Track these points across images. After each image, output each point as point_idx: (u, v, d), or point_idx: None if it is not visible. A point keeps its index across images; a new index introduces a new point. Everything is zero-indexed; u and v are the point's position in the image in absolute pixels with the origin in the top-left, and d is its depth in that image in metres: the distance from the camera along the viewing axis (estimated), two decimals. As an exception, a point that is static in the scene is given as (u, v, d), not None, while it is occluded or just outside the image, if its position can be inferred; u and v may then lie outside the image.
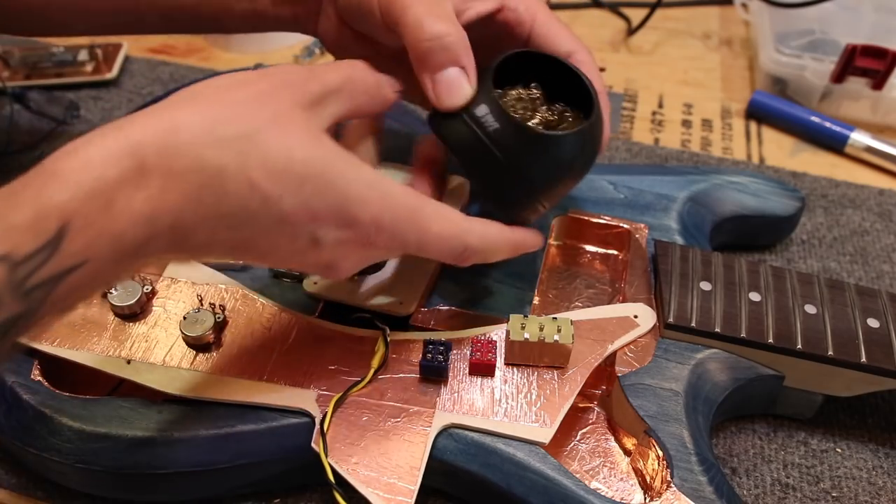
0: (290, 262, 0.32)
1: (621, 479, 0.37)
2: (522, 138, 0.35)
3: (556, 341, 0.36)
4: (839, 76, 0.62)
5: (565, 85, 0.38)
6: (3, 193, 0.25)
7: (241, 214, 0.28)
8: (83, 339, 0.38)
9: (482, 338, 0.38)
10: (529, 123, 0.36)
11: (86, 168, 0.25)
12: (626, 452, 0.38)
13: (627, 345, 0.39)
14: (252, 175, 0.28)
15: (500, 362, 0.38)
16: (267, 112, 0.29)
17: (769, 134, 0.64)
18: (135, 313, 0.39)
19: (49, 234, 0.24)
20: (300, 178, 0.29)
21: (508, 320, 0.37)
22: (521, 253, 0.37)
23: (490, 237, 0.35)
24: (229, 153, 0.27)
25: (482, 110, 0.35)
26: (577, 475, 0.34)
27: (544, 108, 0.38)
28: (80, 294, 0.27)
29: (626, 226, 0.46)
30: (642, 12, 0.77)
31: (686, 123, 0.66)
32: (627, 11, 0.80)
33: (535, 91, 0.38)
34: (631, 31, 0.77)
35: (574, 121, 0.38)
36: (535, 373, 0.37)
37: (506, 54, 0.37)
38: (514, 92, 0.38)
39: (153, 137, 0.27)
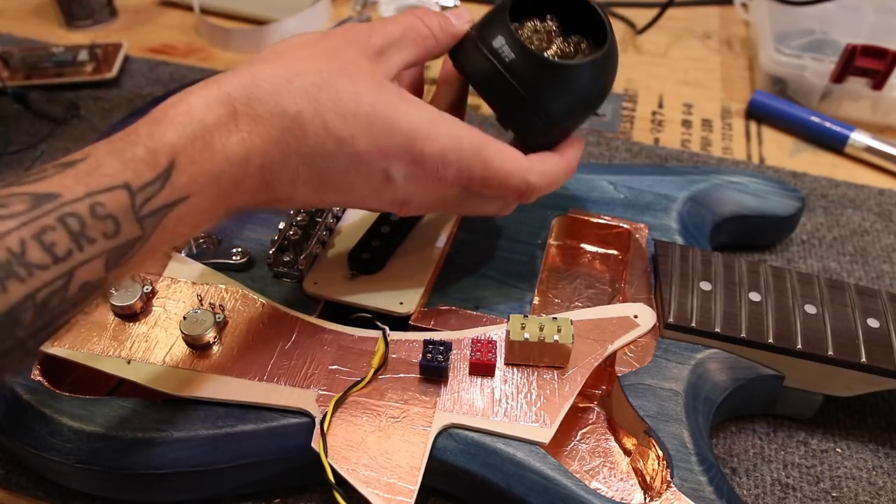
0: (367, 200, 0.35)
1: (621, 479, 0.37)
2: (538, 68, 0.36)
3: (556, 341, 0.37)
4: (839, 76, 0.62)
5: (580, 17, 0.38)
6: (121, 134, 0.29)
7: (320, 154, 0.32)
8: (83, 339, 0.38)
9: (482, 338, 0.38)
10: (545, 54, 0.37)
11: (189, 113, 0.30)
12: (626, 452, 0.38)
13: (627, 345, 0.39)
14: (326, 118, 0.32)
15: (500, 362, 0.38)
16: (335, 64, 0.33)
17: (769, 134, 0.64)
18: (135, 313, 0.39)
19: (161, 168, 0.28)
20: (369, 120, 0.32)
21: (508, 320, 0.37)
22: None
23: (549, 172, 0.37)
24: (304, 99, 0.31)
25: (499, 41, 0.36)
26: (577, 475, 0.34)
27: (560, 39, 0.39)
28: (184, 228, 0.30)
29: (626, 226, 0.46)
30: (643, 12, 0.77)
31: (686, 123, 0.66)
32: (628, 12, 0.80)
33: (550, 23, 0.39)
34: (639, 32, 0.77)
35: (589, 51, 0.38)
36: (535, 373, 0.37)
37: None
38: (529, 24, 0.39)
39: (241, 89, 0.31)
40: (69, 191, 0.26)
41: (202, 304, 0.40)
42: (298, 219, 0.43)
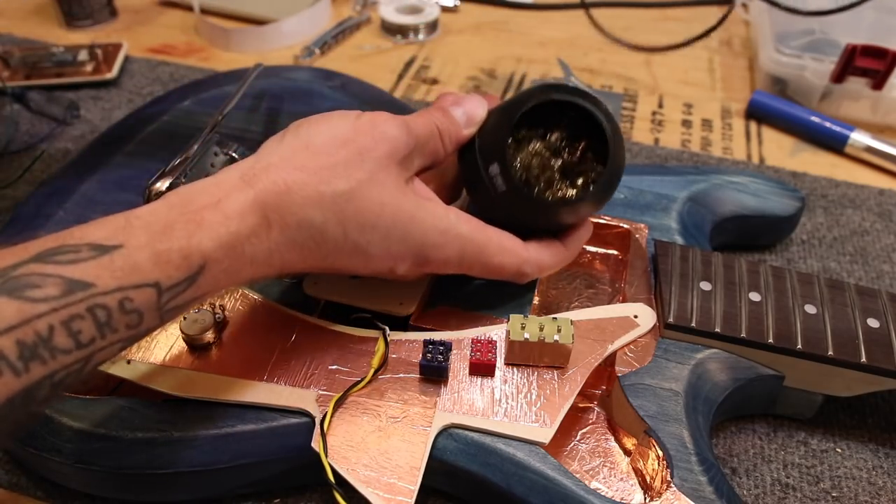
0: (368, 275, 0.37)
1: (621, 479, 0.37)
2: (529, 204, 0.37)
3: (556, 341, 0.36)
4: (839, 76, 0.62)
5: (586, 121, 0.37)
6: (157, 228, 0.29)
7: (335, 255, 0.34)
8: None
9: (482, 338, 0.38)
10: (536, 188, 0.37)
11: (224, 223, 0.31)
12: (626, 452, 0.38)
13: (627, 345, 0.39)
14: (347, 227, 0.33)
15: (500, 362, 0.38)
16: (365, 170, 0.34)
17: (769, 134, 0.64)
18: (135, 313, 0.39)
19: (192, 271, 0.29)
20: (386, 231, 0.34)
21: (508, 320, 0.37)
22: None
23: (546, 263, 0.39)
24: (331, 211, 0.33)
25: (494, 169, 0.36)
26: (577, 475, 0.34)
27: (565, 150, 0.38)
28: (189, 310, 0.32)
29: (626, 226, 0.46)
30: (645, 12, 0.77)
31: (686, 123, 0.66)
32: (628, 12, 0.80)
33: (555, 135, 0.38)
34: (651, 50, 0.77)
35: (592, 164, 0.37)
36: (535, 373, 0.37)
37: (526, 106, 0.36)
38: (531, 144, 0.37)
39: (274, 197, 0.32)
40: (102, 282, 0.27)
41: (202, 304, 0.40)
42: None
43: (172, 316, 0.30)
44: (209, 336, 0.38)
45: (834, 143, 0.62)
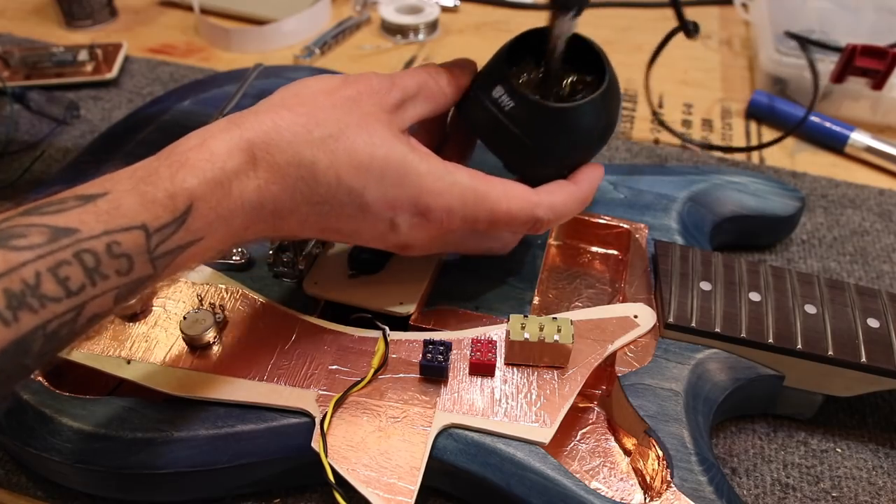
0: (371, 242, 0.36)
1: (621, 479, 0.37)
2: (538, 113, 0.36)
3: (556, 341, 0.36)
4: (839, 76, 0.62)
5: (578, 54, 0.38)
6: (142, 173, 0.29)
7: (330, 202, 0.33)
8: (83, 339, 0.38)
9: (482, 338, 0.38)
10: (543, 99, 0.37)
11: (210, 159, 0.30)
12: (626, 452, 0.38)
13: (627, 345, 0.39)
14: (340, 170, 0.32)
15: (500, 362, 0.38)
16: (354, 115, 0.33)
17: (769, 134, 0.64)
18: (135, 313, 0.39)
19: (179, 212, 0.29)
20: (381, 172, 0.33)
21: (508, 320, 0.37)
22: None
23: (559, 204, 0.38)
24: (321, 150, 0.32)
25: (497, 91, 0.37)
26: (577, 475, 0.34)
27: (559, 79, 0.39)
28: (191, 263, 0.31)
29: (626, 226, 0.46)
30: (645, 12, 0.77)
31: (686, 123, 0.66)
32: (630, 11, 0.80)
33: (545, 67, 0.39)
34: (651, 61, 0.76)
35: (589, 88, 0.38)
36: (535, 373, 0.37)
37: (516, 36, 0.38)
38: (527, 69, 0.39)
39: (262, 135, 0.31)
40: (87, 227, 0.27)
41: (202, 304, 0.40)
42: (298, 219, 0.43)
43: (168, 263, 0.29)
44: (209, 336, 0.38)
45: (834, 143, 0.62)
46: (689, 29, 0.53)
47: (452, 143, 0.41)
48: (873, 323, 0.39)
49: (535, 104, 0.36)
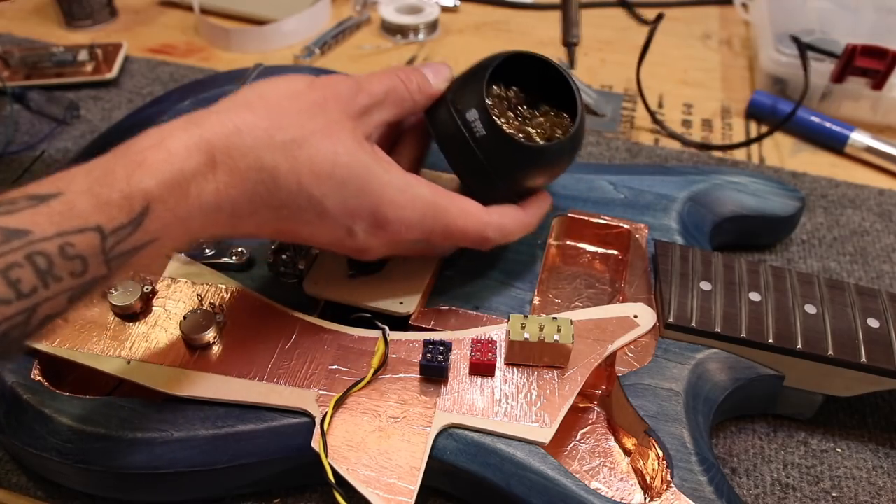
0: (327, 247, 0.36)
1: (621, 479, 0.37)
2: (507, 147, 0.37)
3: (556, 341, 0.36)
4: (839, 76, 0.62)
5: (551, 84, 0.39)
6: (98, 173, 0.28)
7: (289, 207, 0.33)
8: (83, 339, 0.38)
9: (482, 338, 0.38)
10: (514, 132, 0.38)
11: (168, 160, 0.29)
12: (626, 452, 0.38)
13: (627, 345, 0.39)
14: (301, 176, 0.32)
15: (500, 362, 0.38)
16: (318, 121, 0.33)
17: (769, 134, 0.64)
18: (135, 313, 0.39)
19: (135, 213, 0.28)
20: (342, 182, 0.33)
21: (508, 320, 0.37)
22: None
23: (507, 227, 0.39)
24: (283, 156, 0.32)
25: (472, 115, 0.37)
26: (577, 475, 0.34)
27: (532, 108, 0.40)
28: (146, 261, 0.30)
29: (626, 226, 0.46)
30: (644, 12, 0.77)
31: (686, 123, 0.66)
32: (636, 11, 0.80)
33: (522, 95, 0.40)
34: (640, 58, 0.76)
35: (558, 119, 0.40)
36: (535, 373, 0.37)
37: (499, 58, 0.38)
38: (502, 93, 0.39)
39: (223, 137, 0.31)
40: (40, 228, 0.26)
41: (202, 304, 0.40)
42: (298, 219, 0.43)
43: (122, 264, 0.28)
44: (209, 336, 0.38)
45: (834, 143, 0.62)
46: (642, 20, 0.54)
47: (409, 141, 0.41)
48: (873, 323, 0.39)
49: (507, 139, 0.37)
